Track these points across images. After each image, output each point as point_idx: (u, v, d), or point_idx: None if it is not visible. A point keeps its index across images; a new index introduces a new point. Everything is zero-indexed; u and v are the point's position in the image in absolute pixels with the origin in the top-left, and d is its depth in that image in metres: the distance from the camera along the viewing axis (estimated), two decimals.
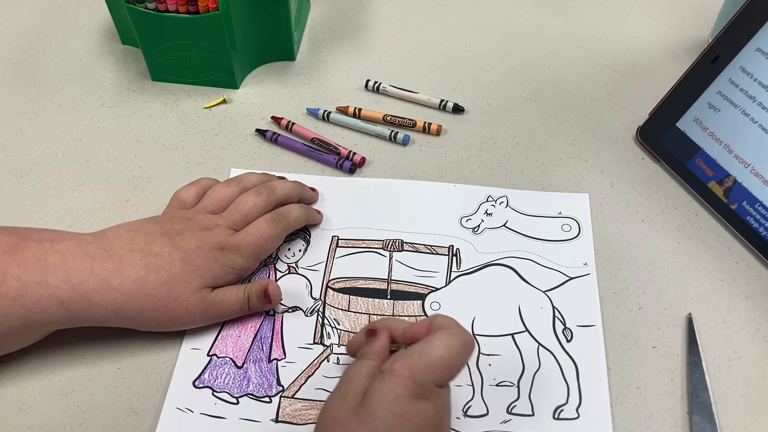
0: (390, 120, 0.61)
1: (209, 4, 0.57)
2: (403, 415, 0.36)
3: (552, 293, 0.50)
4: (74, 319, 0.44)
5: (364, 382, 0.38)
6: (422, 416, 0.36)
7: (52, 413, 0.45)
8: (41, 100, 0.63)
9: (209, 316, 0.47)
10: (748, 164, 0.52)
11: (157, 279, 0.44)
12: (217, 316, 0.47)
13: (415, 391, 0.36)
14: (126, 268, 0.44)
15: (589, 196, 0.55)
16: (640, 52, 0.67)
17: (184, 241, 0.46)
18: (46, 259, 0.43)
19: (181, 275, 0.45)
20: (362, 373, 0.38)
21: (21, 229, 0.45)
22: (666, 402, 0.45)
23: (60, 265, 0.43)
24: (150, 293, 0.44)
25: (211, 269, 0.46)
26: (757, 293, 0.50)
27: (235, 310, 0.47)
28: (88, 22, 0.70)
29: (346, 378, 0.39)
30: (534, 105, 0.63)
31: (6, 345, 0.45)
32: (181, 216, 0.49)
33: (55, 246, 0.43)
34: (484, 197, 0.55)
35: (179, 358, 0.47)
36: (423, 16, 0.71)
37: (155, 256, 0.45)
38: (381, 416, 0.35)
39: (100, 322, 0.44)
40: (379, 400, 0.36)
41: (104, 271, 0.43)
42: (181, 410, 0.45)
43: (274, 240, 0.49)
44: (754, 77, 0.51)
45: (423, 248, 0.53)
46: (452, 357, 0.38)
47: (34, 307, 0.42)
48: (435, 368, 0.37)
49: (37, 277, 0.42)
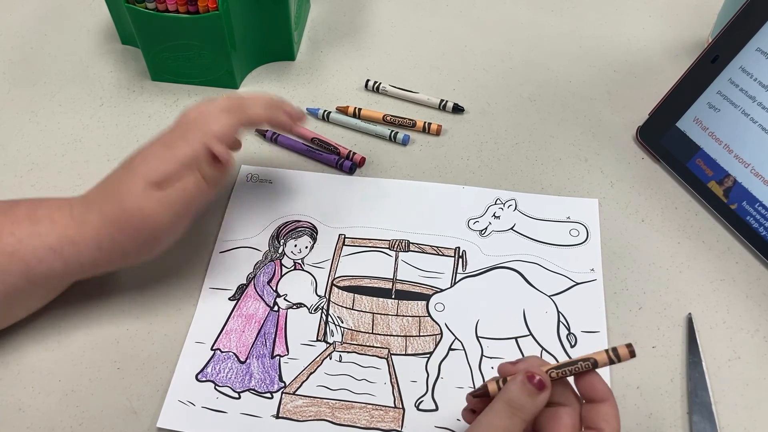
0: (390, 120, 0.61)
1: (209, 4, 0.57)
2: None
3: (557, 298, 0.50)
4: (69, 268, 0.45)
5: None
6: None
7: (51, 413, 0.45)
8: (41, 100, 0.63)
9: (176, 211, 0.45)
10: (748, 164, 0.52)
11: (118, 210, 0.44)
12: (185, 206, 0.45)
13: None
14: (92, 204, 0.45)
15: (598, 201, 0.55)
16: (640, 52, 0.67)
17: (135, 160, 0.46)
18: (35, 213, 0.45)
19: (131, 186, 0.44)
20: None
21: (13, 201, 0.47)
22: (666, 402, 0.45)
23: (47, 216, 0.45)
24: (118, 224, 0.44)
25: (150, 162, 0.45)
26: (757, 293, 0.50)
27: (194, 191, 0.45)
28: (88, 22, 0.70)
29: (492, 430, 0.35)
30: (534, 105, 0.63)
31: (12, 307, 0.45)
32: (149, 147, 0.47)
33: (43, 202, 0.46)
34: (492, 200, 0.55)
35: (183, 351, 0.47)
36: (423, 16, 0.71)
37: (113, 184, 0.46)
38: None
39: (93, 266, 0.46)
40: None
41: (79, 212, 0.45)
42: (183, 403, 0.45)
43: (224, 127, 0.46)
44: (754, 77, 0.51)
45: (429, 249, 0.53)
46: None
47: (31, 259, 0.43)
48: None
49: (29, 230, 0.44)
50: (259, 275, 0.51)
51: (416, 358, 0.47)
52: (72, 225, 0.44)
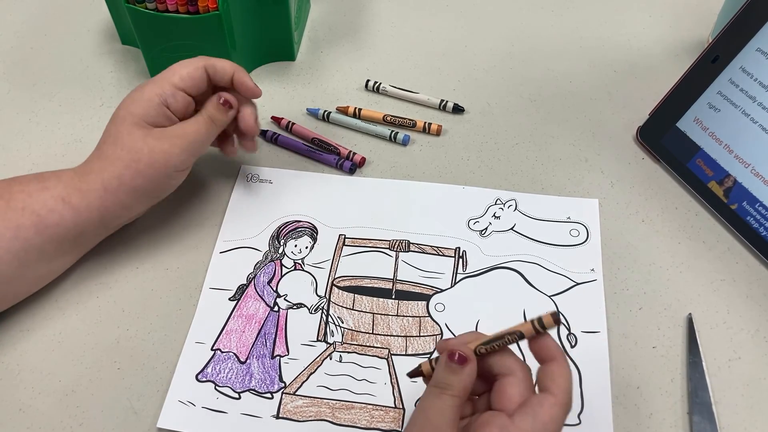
0: (390, 120, 0.61)
1: (209, 4, 0.57)
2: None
3: (558, 298, 0.50)
4: (78, 215, 0.47)
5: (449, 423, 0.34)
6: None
7: (52, 413, 0.45)
8: (41, 100, 0.63)
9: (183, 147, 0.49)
10: (749, 164, 0.52)
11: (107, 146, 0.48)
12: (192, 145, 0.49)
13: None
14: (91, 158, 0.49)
15: (598, 201, 0.55)
16: (640, 52, 0.67)
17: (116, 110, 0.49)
18: (42, 176, 0.48)
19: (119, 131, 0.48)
20: (446, 415, 0.35)
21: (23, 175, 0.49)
22: (666, 402, 0.45)
23: (53, 175, 0.48)
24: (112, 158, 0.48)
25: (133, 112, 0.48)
26: (757, 293, 0.50)
27: (204, 134, 0.50)
28: (88, 22, 0.70)
29: (424, 413, 0.35)
30: (534, 105, 0.63)
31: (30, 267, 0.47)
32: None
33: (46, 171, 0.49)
34: (492, 200, 0.55)
35: (183, 351, 0.47)
36: (423, 16, 0.71)
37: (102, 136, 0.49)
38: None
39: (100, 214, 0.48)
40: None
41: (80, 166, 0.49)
42: (183, 403, 0.45)
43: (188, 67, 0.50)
44: (755, 77, 0.51)
45: (429, 249, 0.53)
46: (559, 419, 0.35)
47: (42, 210, 0.46)
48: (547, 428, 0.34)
49: (37, 185, 0.47)
50: (260, 275, 0.51)
51: (417, 359, 0.47)
52: (76, 177, 0.48)
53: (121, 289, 0.51)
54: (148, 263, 0.52)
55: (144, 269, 0.52)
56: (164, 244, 0.53)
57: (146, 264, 0.52)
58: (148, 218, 0.54)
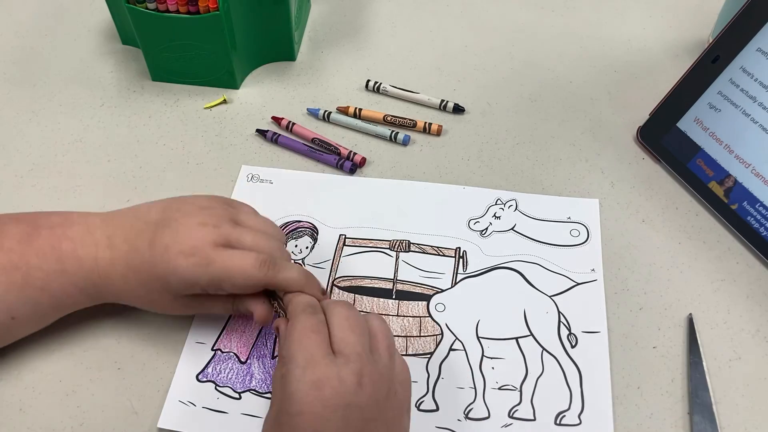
0: (390, 120, 0.61)
1: (209, 4, 0.57)
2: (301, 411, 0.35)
3: (558, 298, 0.50)
4: (95, 300, 0.47)
5: (275, 392, 0.38)
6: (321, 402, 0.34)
7: (52, 413, 0.45)
8: (41, 100, 0.63)
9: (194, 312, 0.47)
10: (749, 164, 0.52)
11: (136, 279, 0.44)
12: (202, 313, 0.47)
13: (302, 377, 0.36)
14: (116, 263, 0.44)
15: (599, 201, 0.55)
16: (640, 52, 0.67)
17: (161, 236, 0.43)
18: (60, 248, 0.45)
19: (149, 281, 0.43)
20: (274, 382, 0.39)
21: (29, 215, 0.46)
22: (667, 402, 0.45)
23: (72, 253, 0.45)
24: (134, 291, 0.45)
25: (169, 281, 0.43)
26: (758, 293, 0.50)
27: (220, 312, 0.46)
28: (88, 22, 0.70)
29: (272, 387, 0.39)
30: (534, 105, 0.63)
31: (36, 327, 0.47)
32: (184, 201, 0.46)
33: (66, 232, 0.45)
34: (493, 200, 0.55)
35: (184, 351, 0.47)
36: (423, 17, 0.71)
37: (135, 252, 0.44)
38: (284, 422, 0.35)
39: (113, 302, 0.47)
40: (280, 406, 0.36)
41: (104, 261, 0.45)
42: (183, 403, 0.45)
43: (247, 280, 0.42)
44: (755, 77, 0.51)
45: (430, 249, 0.53)
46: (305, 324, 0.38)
47: (59, 294, 0.45)
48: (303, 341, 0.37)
49: (56, 266, 0.44)
50: None
51: (417, 359, 0.47)
52: (97, 271, 0.45)
53: None
54: None
55: None
56: None
57: None
58: None
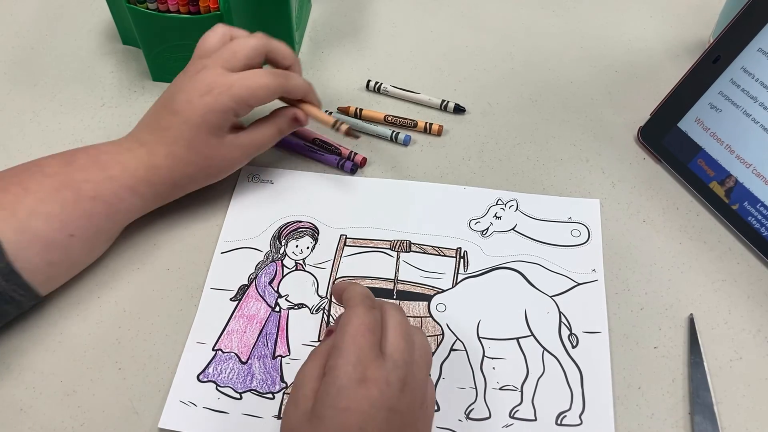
0: (391, 120, 0.61)
1: (210, 5, 0.57)
2: (348, 407, 0.34)
3: (559, 298, 0.50)
4: (146, 202, 0.50)
5: (312, 385, 0.37)
6: (368, 401, 0.35)
7: (53, 414, 0.45)
8: (42, 100, 0.63)
9: (249, 154, 0.53)
10: (750, 164, 0.52)
11: (180, 147, 0.49)
12: (257, 152, 0.53)
13: (353, 374, 0.35)
14: (155, 149, 0.49)
15: (599, 201, 0.55)
16: (641, 53, 0.67)
17: (176, 102, 0.49)
18: (100, 160, 0.48)
19: (195, 137, 0.49)
20: (308, 375, 0.37)
21: (56, 154, 0.50)
22: (668, 402, 0.45)
23: (113, 161, 0.49)
24: (186, 161, 0.50)
25: (209, 121, 0.48)
26: (759, 294, 0.50)
27: (270, 143, 0.53)
28: (88, 22, 0.70)
29: (296, 383, 0.38)
30: (535, 105, 0.63)
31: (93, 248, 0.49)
32: (184, 71, 0.51)
33: (99, 149, 0.50)
34: (493, 200, 0.55)
35: (184, 351, 0.47)
36: (424, 16, 0.71)
37: (165, 130, 0.49)
38: (329, 415, 0.34)
39: (168, 197, 0.52)
40: (324, 400, 0.35)
41: (143, 156, 0.49)
42: (184, 403, 0.45)
43: (267, 91, 0.49)
44: (756, 77, 0.51)
45: (430, 249, 0.53)
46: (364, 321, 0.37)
47: (112, 199, 0.48)
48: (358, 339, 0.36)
49: (102, 174, 0.48)
50: (261, 276, 0.51)
51: None
52: (141, 168, 0.49)
53: (122, 289, 0.51)
54: (149, 263, 0.52)
55: (145, 269, 0.52)
56: (165, 245, 0.53)
57: (147, 264, 0.52)
58: (149, 218, 0.54)
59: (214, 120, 0.49)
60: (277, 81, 0.50)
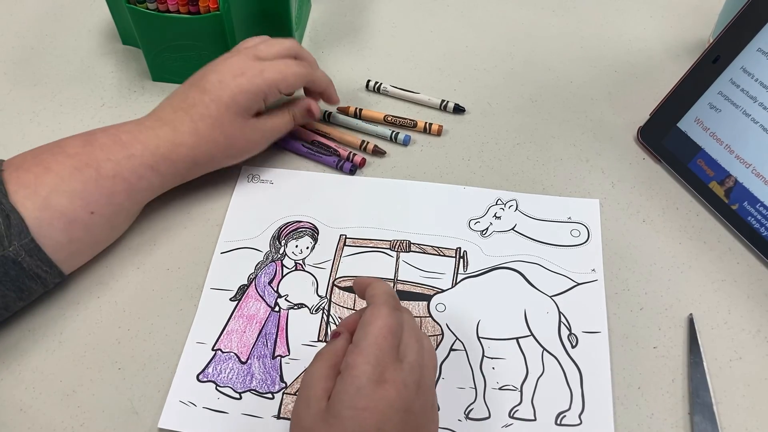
0: (391, 120, 0.61)
1: (210, 5, 0.57)
2: (367, 407, 0.35)
3: (558, 298, 0.50)
4: (165, 180, 0.51)
5: (323, 384, 0.37)
6: (386, 402, 0.35)
7: (52, 414, 0.45)
8: (42, 101, 0.63)
9: (267, 138, 0.55)
10: (749, 164, 0.52)
11: (206, 126, 0.50)
12: (273, 137, 0.56)
13: (372, 375, 0.35)
14: (178, 126, 0.50)
15: (599, 201, 0.55)
16: (641, 53, 0.67)
17: (207, 81, 0.51)
18: (121, 139, 0.49)
19: (222, 116, 0.51)
20: (318, 375, 0.37)
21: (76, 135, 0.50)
22: (667, 402, 0.45)
23: (134, 140, 0.49)
24: (208, 140, 0.51)
25: (239, 102, 0.51)
26: (758, 293, 0.50)
27: (285, 129, 0.56)
28: (88, 22, 0.70)
29: (305, 384, 0.38)
30: (535, 105, 0.63)
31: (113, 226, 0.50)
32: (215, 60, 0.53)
33: (119, 129, 0.50)
34: (493, 200, 0.55)
35: (184, 351, 0.47)
36: (424, 17, 0.71)
37: (191, 107, 0.51)
38: (347, 415, 0.35)
39: (186, 176, 0.53)
40: (342, 399, 0.35)
41: (165, 134, 0.50)
42: (184, 403, 0.45)
43: (297, 77, 0.53)
44: (756, 77, 0.51)
45: (430, 249, 0.53)
46: (388, 322, 0.37)
47: (132, 178, 0.49)
48: (380, 340, 0.36)
49: (122, 153, 0.49)
50: (260, 276, 0.51)
51: None
52: (163, 146, 0.50)
53: (122, 290, 0.51)
54: (149, 263, 0.52)
55: (145, 269, 0.52)
56: (165, 245, 0.53)
57: (147, 264, 0.52)
58: (148, 218, 0.54)
59: (244, 101, 0.51)
60: (306, 69, 0.54)
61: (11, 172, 0.47)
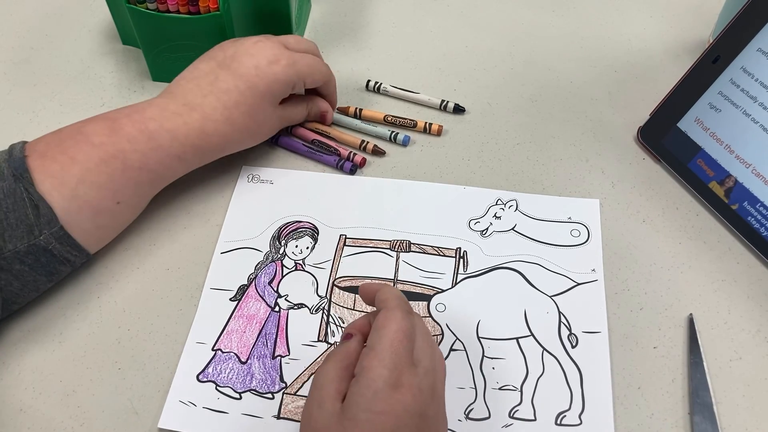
0: (391, 120, 0.61)
1: (210, 5, 0.57)
2: (383, 411, 0.35)
3: (558, 298, 0.50)
4: (189, 166, 0.52)
5: (336, 385, 0.37)
6: (402, 406, 0.35)
7: (52, 414, 0.45)
8: (42, 101, 0.63)
9: (281, 126, 0.56)
10: (749, 164, 0.52)
11: (240, 113, 0.51)
12: (286, 125, 0.57)
13: (389, 379, 0.35)
14: (209, 114, 0.50)
15: (599, 201, 0.55)
16: (641, 53, 0.67)
17: (242, 66, 0.51)
18: (147, 128, 0.49)
19: (256, 104, 0.51)
20: (331, 376, 0.37)
21: (96, 116, 0.50)
22: (667, 402, 0.45)
23: (161, 128, 0.49)
24: (240, 128, 0.52)
25: (273, 91, 0.52)
26: (758, 293, 0.50)
27: (297, 121, 0.58)
28: (88, 22, 0.70)
29: (317, 384, 0.38)
30: (535, 105, 0.63)
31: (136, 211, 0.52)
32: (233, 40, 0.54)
33: (143, 116, 0.50)
34: (493, 200, 0.55)
35: (184, 351, 0.47)
36: (424, 17, 0.71)
37: (224, 93, 0.50)
38: (363, 418, 0.35)
39: (209, 160, 0.53)
40: (359, 402, 0.35)
41: (195, 121, 0.50)
42: (184, 403, 0.45)
43: (323, 75, 0.55)
44: (755, 77, 0.51)
45: (430, 249, 0.53)
46: (403, 326, 0.37)
47: (159, 168, 0.50)
48: (395, 344, 0.36)
49: (149, 144, 0.49)
50: (260, 276, 0.51)
51: None
52: (192, 135, 0.50)
53: (122, 290, 0.51)
54: (149, 263, 0.52)
55: (145, 269, 0.52)
56: (165, 245, 0.53)
57: (147, 264, 0.52)
58: (148, 218, 0.54)
59: (278, 90, 0.52)
60: (329, 71, 0.56)
61: (35, 160, 0.47)
